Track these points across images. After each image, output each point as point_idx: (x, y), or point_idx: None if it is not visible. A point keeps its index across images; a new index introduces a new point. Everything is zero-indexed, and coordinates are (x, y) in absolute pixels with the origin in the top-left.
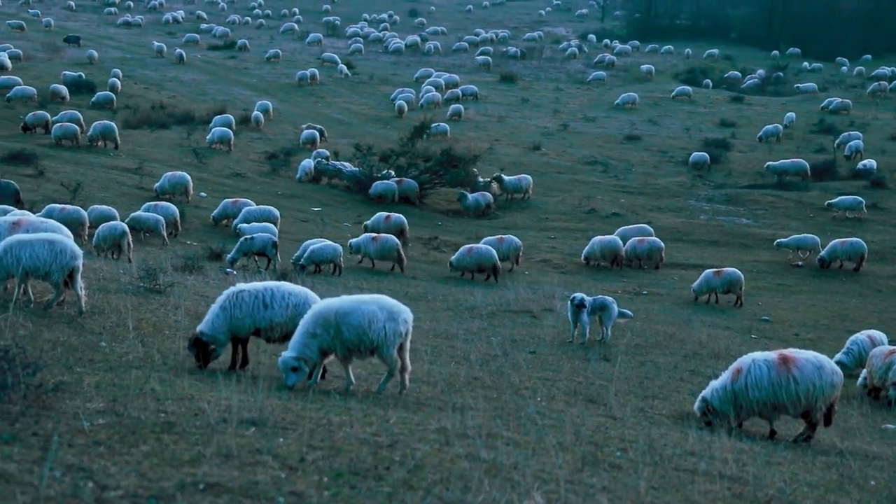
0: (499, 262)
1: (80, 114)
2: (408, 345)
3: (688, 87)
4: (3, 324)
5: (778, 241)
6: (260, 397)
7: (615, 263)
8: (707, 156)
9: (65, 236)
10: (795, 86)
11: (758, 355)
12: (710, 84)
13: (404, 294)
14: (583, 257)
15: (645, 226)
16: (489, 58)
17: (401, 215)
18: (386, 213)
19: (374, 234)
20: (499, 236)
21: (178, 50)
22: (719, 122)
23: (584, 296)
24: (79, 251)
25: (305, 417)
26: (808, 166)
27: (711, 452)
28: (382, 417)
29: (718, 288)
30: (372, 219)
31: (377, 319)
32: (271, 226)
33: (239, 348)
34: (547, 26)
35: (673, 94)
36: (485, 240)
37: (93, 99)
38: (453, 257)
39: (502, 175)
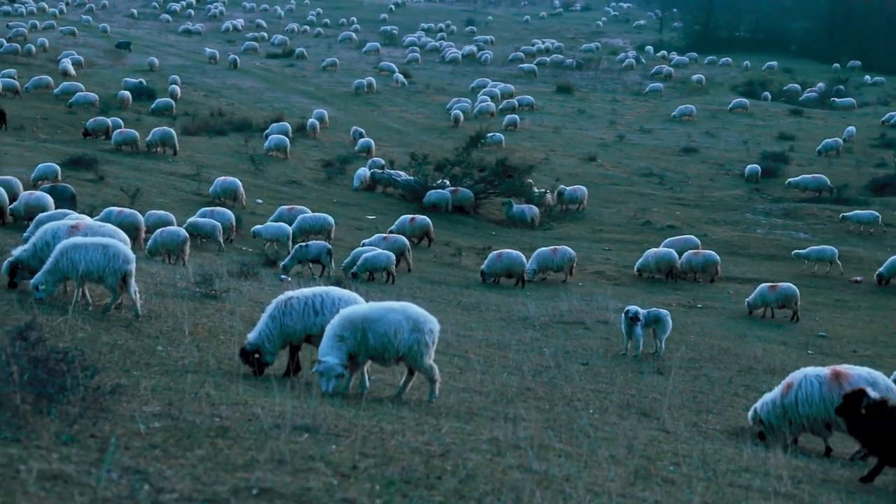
0: (526, 268)
1: (120, 121)
2: (432, 353)
3: (745, 100)
4: (62, 326)
5: (795, 251)
6: (313, 404)
7: (670, 276)
8: (759, 168)
9: (119, 241)
10: (852, 100)
11: (810, 370)
12: (769, 97)
13: (457, 303)
14: (636, 269)
15: (692, 237)
16: (534, 66)
17: (426, 218)
18: (411, 216)
19: (385, 234)
20: (553, 247)
21: (232, 55)
22: (778, 136)
23: (638, 308)
24: (132, 255)
25: (358, 425)
26: (828, 182)
27: (766, 469)
28: (435, 427)
29: (773, 303)
30: (397, 221)
31: (402, 329)
32: (285, 226)
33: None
34: (604, 37)
35: (730, 106)
36: (539, 250)
37: (152, 105)
38: (484, 264)
39: (563, 187)
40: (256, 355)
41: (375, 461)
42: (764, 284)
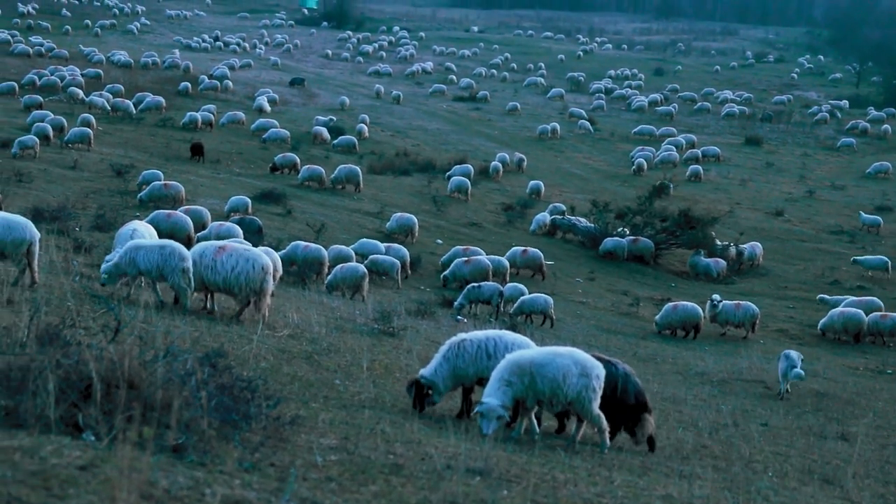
0: (702, 321)
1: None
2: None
3: None
4: (247, 355)
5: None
6: (486, 447)
7: (857, 338)
8: None
9: (267, 261)
10: None
11: None
12: None
13: (633, 354)
14: (819, 329)
15: (874, 299)
16: (722, 117)
17: (537, 251)
18: (523, 248)
19: (466, 258)
20: (736, 302)
21: (395, 91)
22: None
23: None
24: (187, 253)
25: (530, 472)
26: (888, 263)
27: None
28: (607, 479)
29: None
30: (510, 251)
31: (571, 373)
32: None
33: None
34: (797, 90)
35: None
36: (722, 303)
37: (334, 141)
38: (658, 315)
39: (743, 246)
40: (429, 391)
41: None
42: None
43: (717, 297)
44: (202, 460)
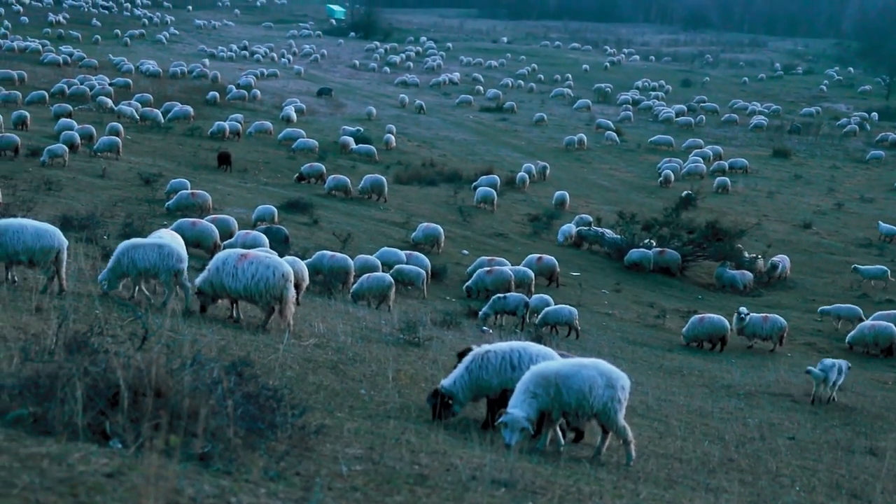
0: (728, 334)
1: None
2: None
3: None
4: (273, 364)
5: (821, 308)
6: (511, 459)
7: (887, 352)
8: None
9: (290, 270)
10: None
11: None
12: None
13: (659, 366)
14: (847, 342)
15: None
16: (750, 129)
17: (552, 258)
18: (538, 255)
19: (489, 268)
20: (763, 315)
21: (419, 101)
22: None
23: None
24: (184, 255)
25: (555, 483)
26: (888, 272)
27: None
28: (632, 491)
29: None
30: (526, 258)
31: (597, 385)
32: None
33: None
34: (826, 102)
35: None
36: (750, 316)
37: (353, 147)
38: (685, 328)
39: (774, 260)
40: (449, 401)
41: None
42: None
43: (744, 309)
44: (228, 469)
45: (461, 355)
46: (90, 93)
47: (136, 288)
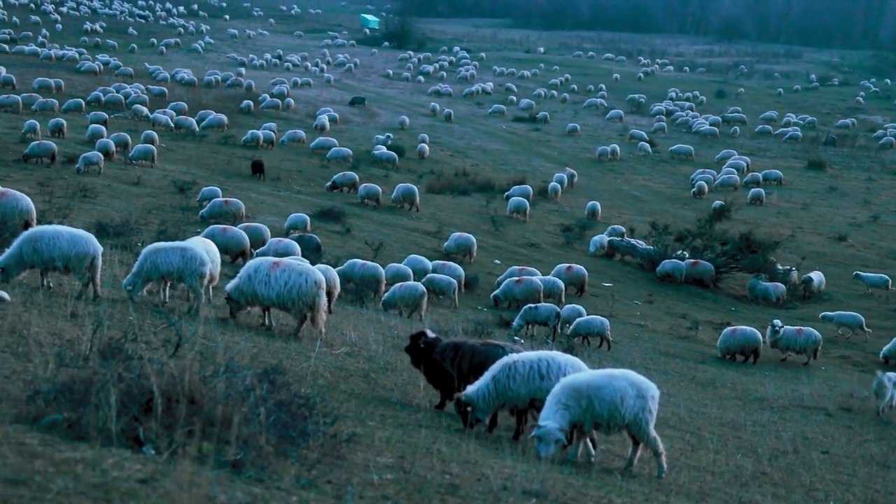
0: (761, 346)
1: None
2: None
3: None
4: (305, 372)
5: (823, 314)
6: (543, 469)
7: None
8: None
9: (321, 278)
10: None
11: None
12: None
13: (691, 378)
14: (881, 356)
15: None
16: (785, 140)
17: (582, 267)
18: (568, 265)
19: (518, 278)
20: (798, 327)
21: (448, 110)
22: None
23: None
24: (207, 259)
25: (587, 495)
26: (888, 280)
27: None
28: None
29: None
30: (555, 268)
31: (628, 395)
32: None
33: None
34: (862, 113)
35: None
36: (784, 329)
37: (374, 151)
38: (719, 340)
39: (811, 277)
40: (469, 408)
41: None
42: None
43: (777, 322)
44: (260, 476)
45: (414, 338)
46: (125, 101)
47: (163, 292)
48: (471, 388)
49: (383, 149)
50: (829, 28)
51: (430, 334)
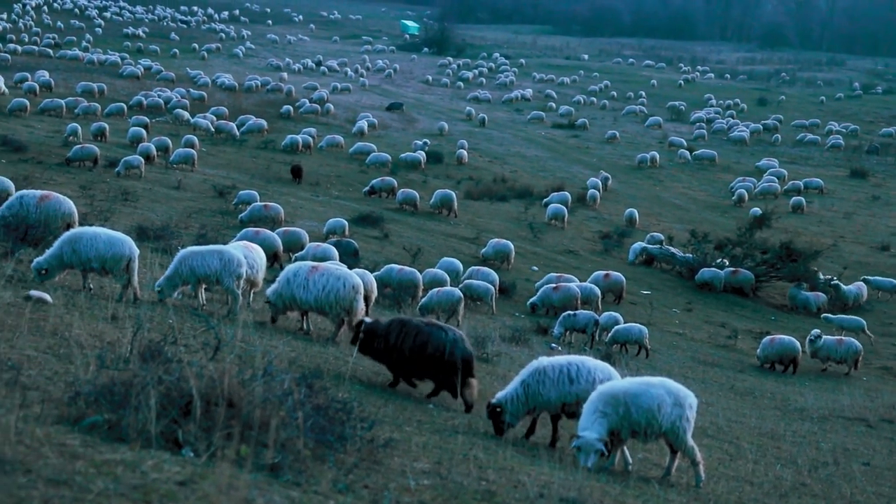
0: (800, 355)
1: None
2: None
3: None
4: (343, 376)
5: (824, 315)
6: (579, 477)
7: None
8: None
9: (355, 281)
10: None
11: None
12: None
13: (730, 387)
14: None
15: None
16: (827, 148)
17: (620, 275)
18: (605, 272)
19: (555, 285)
20: (838, 337)
21: (482, 115)
22: None
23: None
24: (243, 261)
25: (624, 503)
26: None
27: None
28: None
29: None
30: (592, 275)
31: (666, 403)
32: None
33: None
34: None
35: None
36: (823, 339)
37: (401, 155)
38: (759, 349)
39: (840, 285)
40: (498, 409)
41: None
42: None
43: (816, 332)
44: (297, 480)
45: (357, 325)
46: (166, 105)
47: (200, 295)
48: (500, 393)
49: (423, 156)
50: (873, 35)
51: (367, 320)
